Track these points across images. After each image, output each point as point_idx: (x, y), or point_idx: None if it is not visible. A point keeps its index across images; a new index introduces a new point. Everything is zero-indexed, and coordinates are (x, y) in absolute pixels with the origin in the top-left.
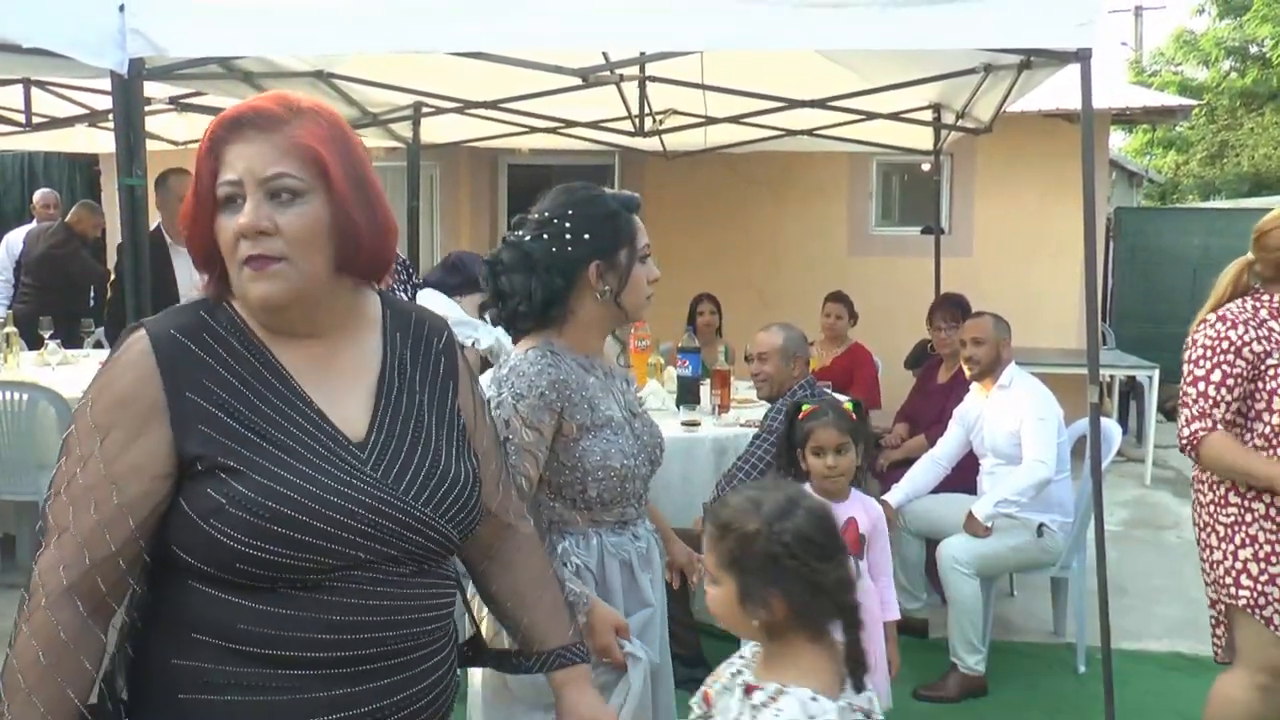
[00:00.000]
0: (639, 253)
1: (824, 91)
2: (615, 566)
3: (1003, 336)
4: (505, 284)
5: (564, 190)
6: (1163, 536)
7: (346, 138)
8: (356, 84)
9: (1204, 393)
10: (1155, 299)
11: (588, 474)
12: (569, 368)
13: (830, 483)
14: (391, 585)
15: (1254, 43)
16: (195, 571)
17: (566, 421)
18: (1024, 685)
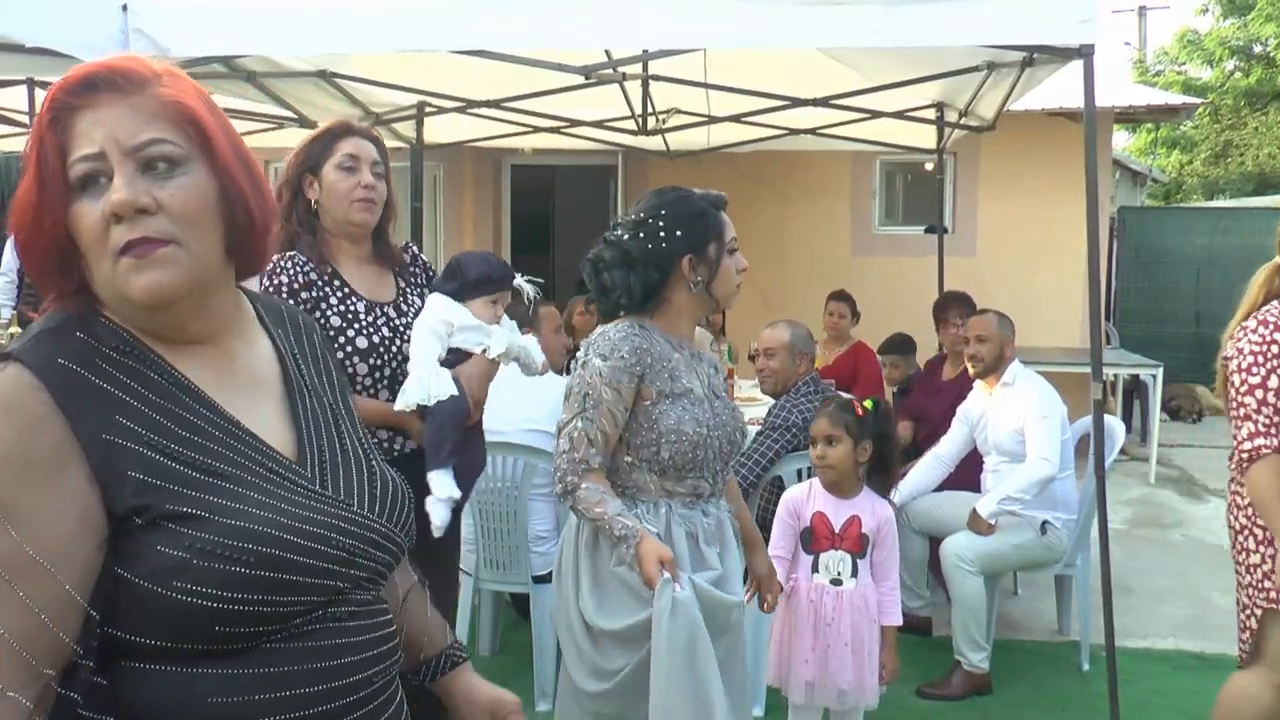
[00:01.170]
0: (727, 246)
1: (827, 90)
2: (681, 536)
3: (1006, 334)
4: (607, 279)
5: (656, 193)
6: (1167, 535)
7: (214, 103)
8: (360, 84)
9: (1265, 400)
10: (1159, 299)
11: (662, 436)
12: (656, 340)
13: (821, 473)
14: (364, 616)
15: (1258, 42)
16: (147, 651)
17: (646, 386)
18: (1028, 683)
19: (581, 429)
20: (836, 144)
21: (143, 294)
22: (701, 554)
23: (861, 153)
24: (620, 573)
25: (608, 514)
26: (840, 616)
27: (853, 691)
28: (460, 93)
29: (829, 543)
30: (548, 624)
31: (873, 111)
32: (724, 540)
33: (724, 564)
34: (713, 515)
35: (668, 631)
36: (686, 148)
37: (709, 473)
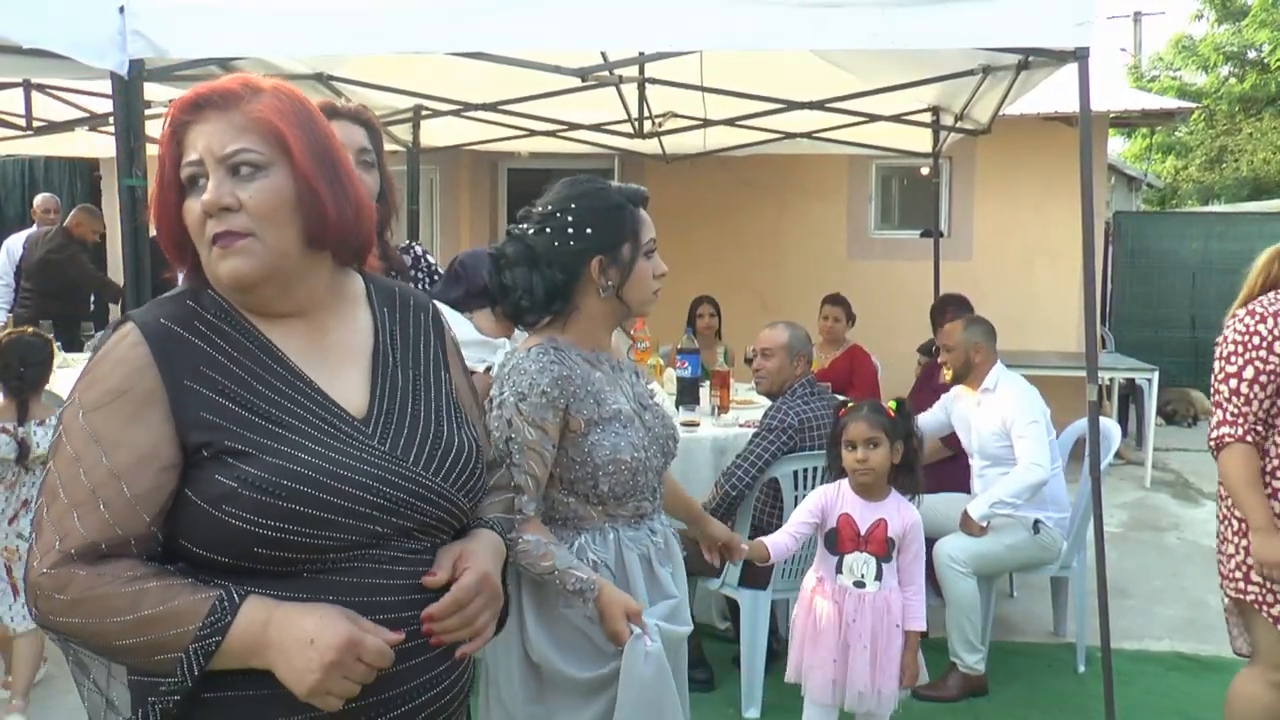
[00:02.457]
0: (644, 247)
1: (823, 94)
2: (634, 560)
3: (975, 341)
4: (509, 278)
5: (568, 183)
6: (1163, 538)
7: (309, 113)
8: (356, 86)
9: (1236, 390)
10: (1154, 303)
11: (598, 468)
12: (573, 363)
13: (861, 476)
14: (408, 564)
15: (1252, 48)
16: (207, 565)
17: (573, 417)
18: (1024, 685)
19: (509, 478)
20: (832, 148)
21: (226, 277)
22: (657, 577)
23: (857, 156)
24: (569, 615)
25: (557, 568)
26: (860, 619)
27: (869, 695)
28: (456, 96)
29: (854, 545)
30: None
31: (869, 115)
32: (674, 558)
33: (678, 585)
34: (659, 532)
35: (639, 689)
36: (683, 151)
37: (649, 491)
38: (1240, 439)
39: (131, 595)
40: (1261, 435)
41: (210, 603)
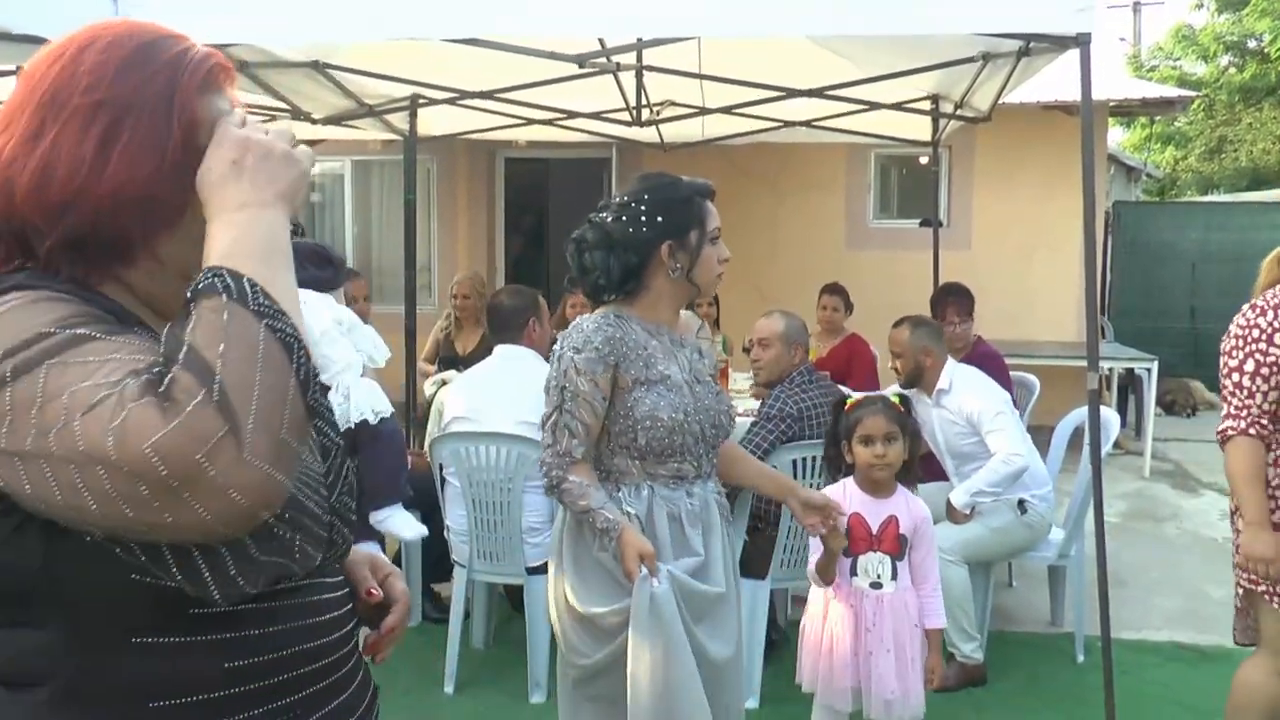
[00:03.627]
0: (709, 234)
1: (821, 82)
2: (664, 518)
3: (922, 344)
4: (588, 260)
5: (643, 177)
6: (1162, 529)
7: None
8: (352, 74)
9: (1239, 384)
10: (1153, 293)
11: (637, 423)
12: (630, 329)
13: (877, 472)
14: (337, 588)
15: (1253, 37)
16: (164, 610)
17: (622, 375)
18: (1023, 675)
19: (563, 422)
20: (831, 136)
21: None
22: (685, 537)
23: (856, 145)
24: (602, 559)
25: (592, 507)
26: (881, 621)
27: (898, 701)
28: (453, 84)
29: (867, 544)
30: (541, 616)
31: (867, 103)
32: (708, 522)
33: (706, 548)
34: (697, 497)
35: (644, 627)
36: (681, 140)
37: (691, 456)
38: (1243, 432)
39: None
40: (1267, 429)
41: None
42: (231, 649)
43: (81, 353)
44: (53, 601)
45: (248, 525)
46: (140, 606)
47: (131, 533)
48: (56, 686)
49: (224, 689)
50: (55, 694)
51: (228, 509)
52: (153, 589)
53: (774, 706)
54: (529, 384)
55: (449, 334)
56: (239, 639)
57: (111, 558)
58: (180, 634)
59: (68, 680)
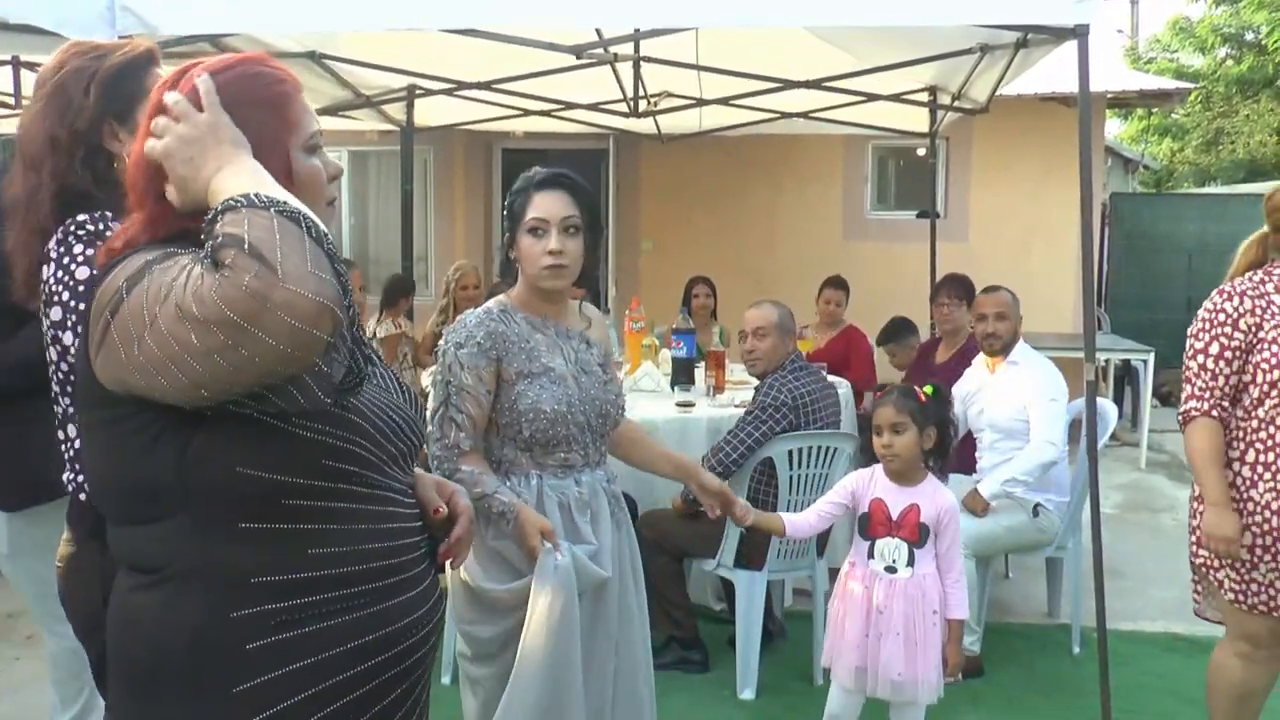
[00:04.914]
0: (525, 224)
1: (819, 73)
2: (553, 507)
3: (1019, 313)
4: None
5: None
6: (1158, 520)
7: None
8: (349, 65)
9: (1204, 366)
10: (1150, 285)
11: (521, 415)
12: (514, 323)
13: (887, 462)
14: (410, 494)
15: (1250, 29)
16: (263, 498)
17: (504, 368)
18: (1020, 666)
19: (449, 415)
20: (828, 128)
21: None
22: (575, 525)
23: (854, 137)
24: (498, 546)
25: (487, 492)
26: (891, 605)
27: (906, 684)
28: (451, 74)
29: (885, 530)
30: None
31: (865, 94)
32: (596, 509)
33: (596, 536)
34: (585, 485)
35: (549, 596)
36: (678, 131)
37: (578, 446)
38: (1205, 414)
39: None
40: (1227, 411)
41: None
42: (315, 537)
43: (168, 262)
44: (179, 498)
45: (312, 344)
46: (247, 498)
47: (232, 382)
48: (179, 568)
49: (308, 570)
50: (178, 573)
51: (288, 332)
52: (255, 481)
53: (771, 697)
54: None
55: (446, 325)
56: (321, 530)
57: (224, 451)
58: (275, 521)
59: (188, 562)
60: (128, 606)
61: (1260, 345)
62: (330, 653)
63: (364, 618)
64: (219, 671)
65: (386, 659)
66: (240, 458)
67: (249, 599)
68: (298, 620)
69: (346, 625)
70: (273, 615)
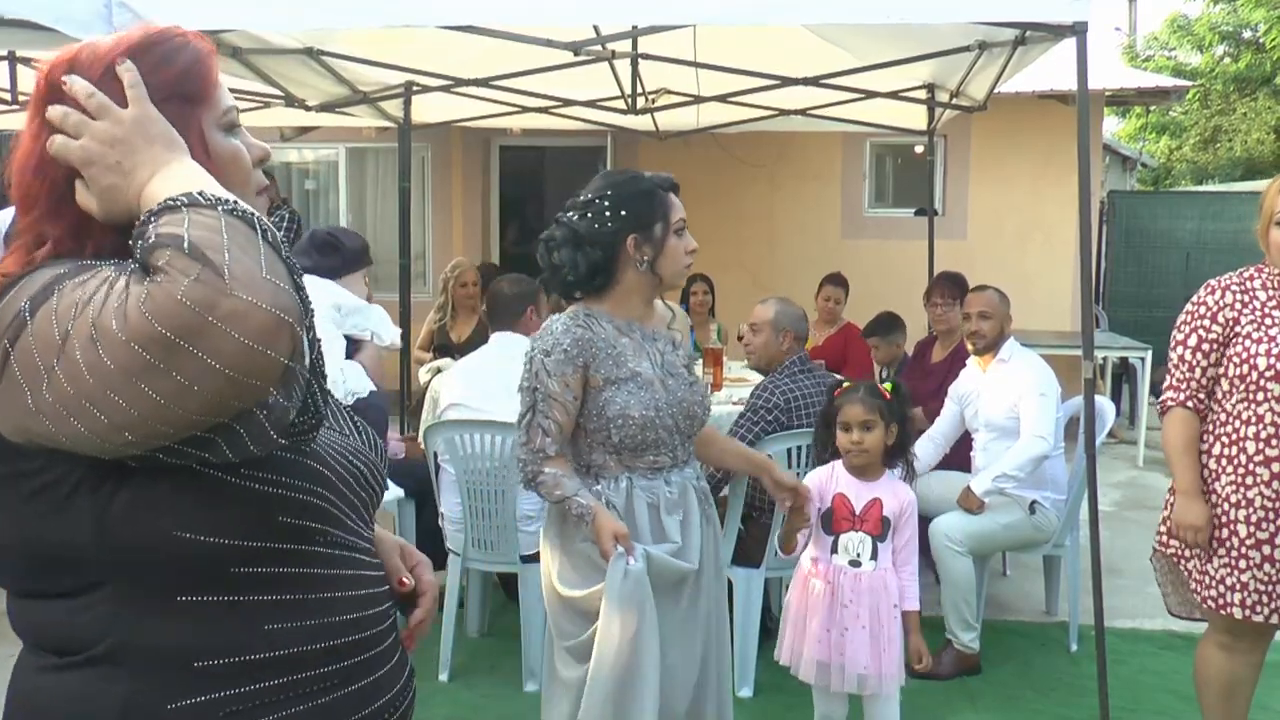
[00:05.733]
0: (673, 226)
1: (817, 70)
2: (643, 507)
3: (1006, 311)
4: (556, 258)
5: (605, 174)
6: (1155, 517)
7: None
8: (347, 61)
9: (1182, 358)
10: (1148, 283)
11: (609, 421)
12: (600, 328)
13: (854, 458)
14: (370, 553)
15: (1248, 27)
16: (207, 567)
17: (592, 375)
18: (1017, 664)
19: (535, 422)
20: (827, 125)
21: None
22: (662, 524)
23: (852, 134)
24: (584, 548)
25: (567, 495)
26: (858, 599)
27: (871, 677)
28: (448, 71)
29: (849, 524)
30: (536, 604)
31: (863, 91)
32: (686, 508)
33: (684, 535)
34: (675, 484)
35: (618, 601)
36: (676, 128)
37: (666, 449)
38: (1181, 404)
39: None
40: (1202, 403)
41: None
42: (271, 611)
43: (85, 275)
44: (103, 566)
45: (266, 369)
46: (185, 566)
47: (165, 421)
48: (106, 649)
49: (265, 651)
50: (104, 657)
51: (236, 352)
52: (195, 545)
53: (769, 695)
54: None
55: (444, 323)
56: (278, 602)
57: (155, 511)
58: (222, 593)
59: (116, 643)
60: (36, 692)
61: (1235, 339)
62: None
63: (333, 702)
64: None
65: None
66: (175, 519)
67: (192, 687)
68: (252, 709)
69: (313, 712)
70: (221, 705)
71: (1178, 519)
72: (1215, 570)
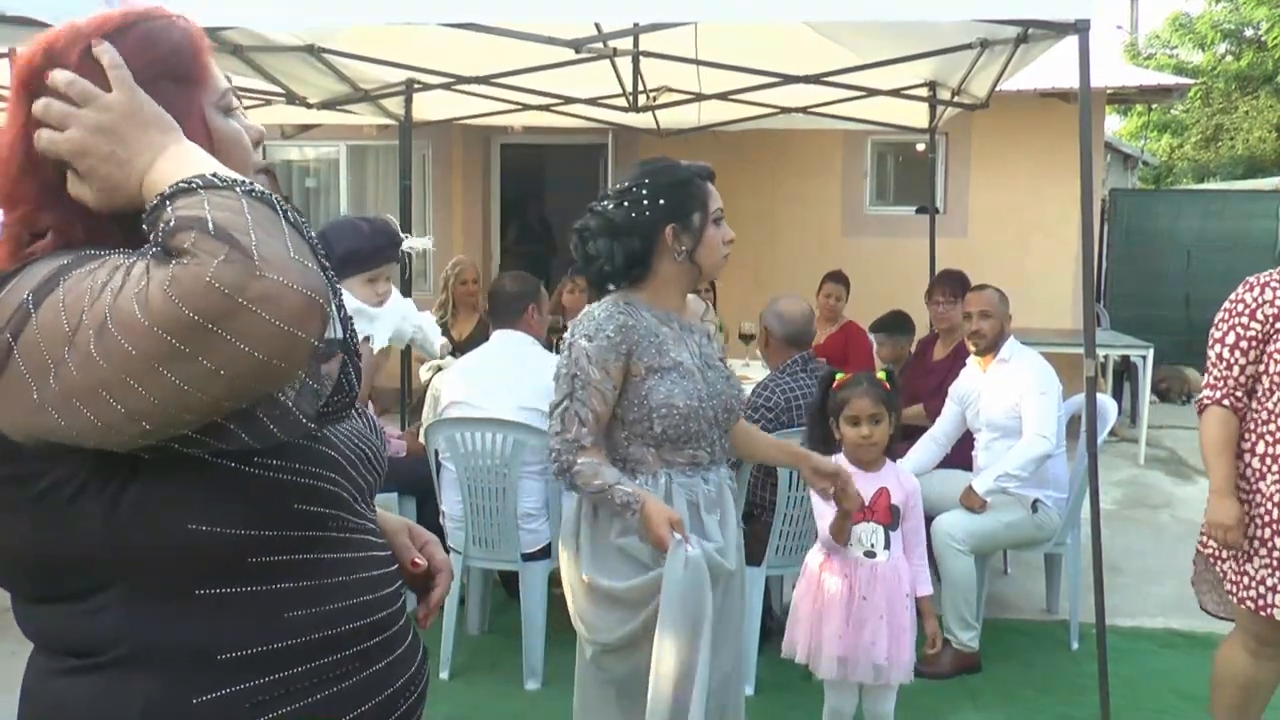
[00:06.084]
0: (711, 215)
1: (818, 68)
2: (682, 504)
3: (1006, 310)
4: (592, 248)
5: (642, 163)
6: (1156, 516)
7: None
8: (348, 59)
9: (1219, 355)
10: (1150, 281)
11: (653, 410)
12: (641, 317)
13: (864, 452)
14: (376, 534)
15: (1250, 25)
16: (224, 559)
17: (634, 363)
18: (1018, 662)
19: (572, 410)
20: (828, 123)
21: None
22: (702, 522)
23: (853, 132)
24: (622, 544)
25: (607, 483)
26: (875, 589)
27: (888, 666)
28: (449, 69)
29: (860, 515)
30: (537, 602)
31: (864, 89)
32: (724, 507)
33: (723, 534)
34: (713, 482)
35: (680, 590)
36: (677, 126)
37: (706, 442)
38: (1217, 402)
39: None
40: (1240, 401)
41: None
42: (291, 598)
43: (92, 263)
44: (117, 564)
45: (296, 350)
46: (200, 558)
47: (187, 409)
48: (126, 649)
49: (286, 639)
50: (125, 656)
51: (268, 335)
52: (211, 537)
53: (771, 694)
54: (527, 369)
55: (445, 321)
56: (298, 589)
57: (168, 506)
58: (241, 584)
59: (136, 641)
60: (48, 694)
61: (1276, 336)
62: None
63: (355, 686)
64: None
65: None
66: (189, 512)
67: (216, 680)
68: (278, 699)
69: (337, 697)
70: (248, 696)
71: (1210, 518)
72: (1255, 571)
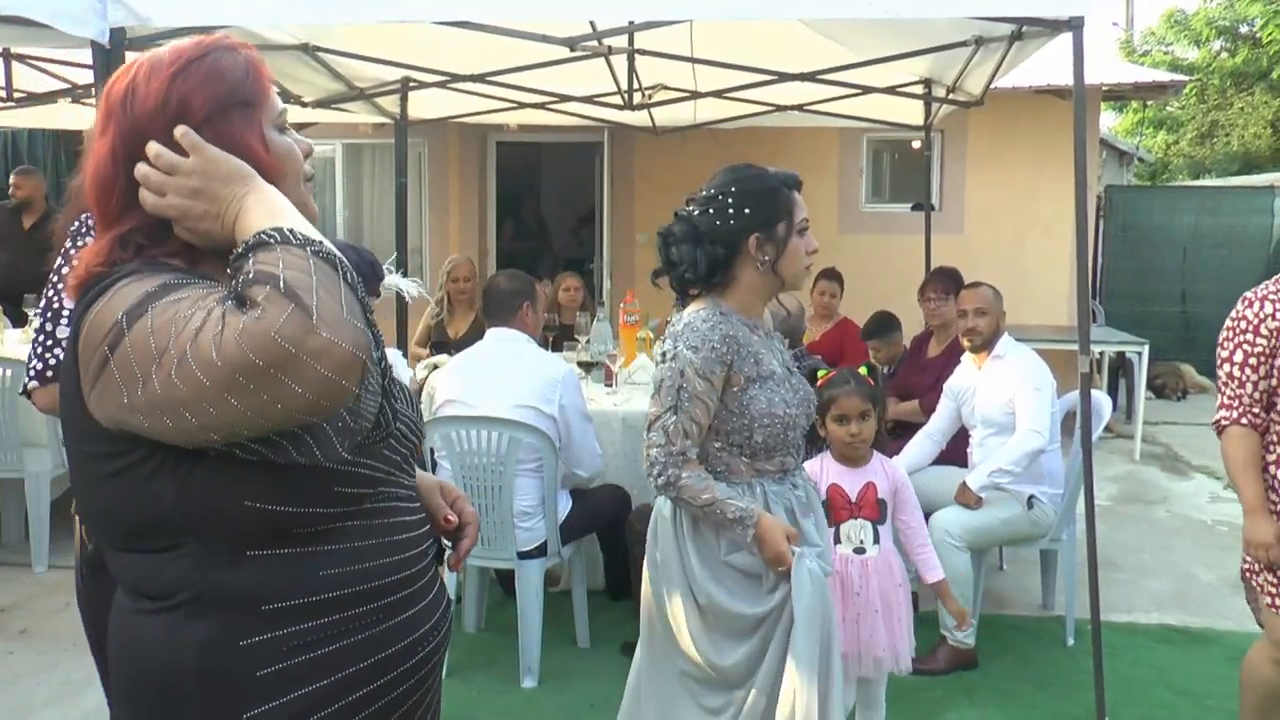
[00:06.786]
0: (796, 225)
1: (814, 66)
2: (780, 512)
3: (1001, 307)
4: (674, 253)
5: (729, 169)
6: (1152, 512)
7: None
8: (343, 58)
9: (1230, 374)
10: (1145, 277)
11: (754, 420)
12: (737, 325)
13: (852, 450)
14: (412, 499)
15: (1245, 22)
16: (273, 529)
17: (735, 373)
18: (1014, 658)
19: (677, 422)
20: (823, 120)
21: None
22: (800, 528)
23: (848, 130)
24: (734, 561)
25: (718, 498)
26: (868, 584)
27: (888, 658)
28: (445, 67)
29: (848, 512)
30: (533, 600)
31: (860, 87)
32: (815, 511)
33: (820, 535)
34: (801, 487)
35: (808, 607)
36: (673, 124)
37: (794, 449)
38: (1235, 422)
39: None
40: (1259, 417)
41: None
42: (327, 559)
43: (174, 295)
44: (184, 529)
45: (340, 394)
46: (252, 527)
47: (247, 427)
48: (189, 595)
49: (321, 593)
50: (188, 601)
51: (318, 381)
52: (262, 513)
53: None
54: (522, 367)
55: (440, 319)
56: (333, 551)
57: (228, 485)
58: (285, 547)
59: (198, 590)
60: (131, 629)
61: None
62: (345, 672)
63: (379, 634)
64: (228, 699)
65: (402, 672)
66: (246, 491)
67: (260, 626)
68: (311, 643)
69: (362, 643)
70: (285, 641)
71: (1247, 538)
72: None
